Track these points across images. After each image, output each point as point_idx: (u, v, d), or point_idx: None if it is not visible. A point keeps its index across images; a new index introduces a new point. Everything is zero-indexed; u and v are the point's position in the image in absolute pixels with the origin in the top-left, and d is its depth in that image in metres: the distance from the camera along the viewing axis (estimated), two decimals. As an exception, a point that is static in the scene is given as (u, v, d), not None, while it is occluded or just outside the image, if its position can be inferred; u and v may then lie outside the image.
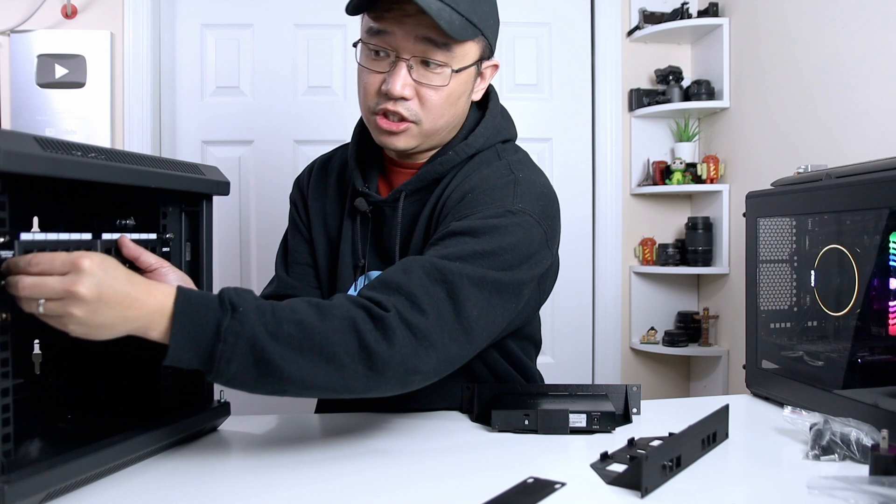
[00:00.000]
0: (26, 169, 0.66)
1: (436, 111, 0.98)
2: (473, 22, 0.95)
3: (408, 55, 0.94)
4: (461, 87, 0.99)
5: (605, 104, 2.50)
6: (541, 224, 0.94)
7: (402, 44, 0.94)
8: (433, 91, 0.96)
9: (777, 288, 1.20)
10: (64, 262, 0.68)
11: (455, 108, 1.01)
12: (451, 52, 0.95)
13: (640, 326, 2.55)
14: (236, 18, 2.42)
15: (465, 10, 0.93)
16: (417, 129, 0.99)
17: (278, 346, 0.73)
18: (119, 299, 0.69)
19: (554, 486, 0.74)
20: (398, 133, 0.98)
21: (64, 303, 0.67)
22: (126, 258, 0.84)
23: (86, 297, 0.67)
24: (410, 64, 0.95)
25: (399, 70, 0.95)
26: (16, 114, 2.24)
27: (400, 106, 0.96)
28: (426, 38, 0.93)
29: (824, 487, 0.71)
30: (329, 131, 2.40)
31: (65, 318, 0.68)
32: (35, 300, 0.67)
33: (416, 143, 1.01)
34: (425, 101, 0.97)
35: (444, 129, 1.02)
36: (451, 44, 0.94)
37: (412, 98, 0.96)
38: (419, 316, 0.79)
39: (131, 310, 0.70)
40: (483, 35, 0.98)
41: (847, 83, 1.76)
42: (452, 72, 0.96)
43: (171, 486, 0.76)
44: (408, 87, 0.95)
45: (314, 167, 1.19)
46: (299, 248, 1.15)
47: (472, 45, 0.98)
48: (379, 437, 0.94)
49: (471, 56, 0.98)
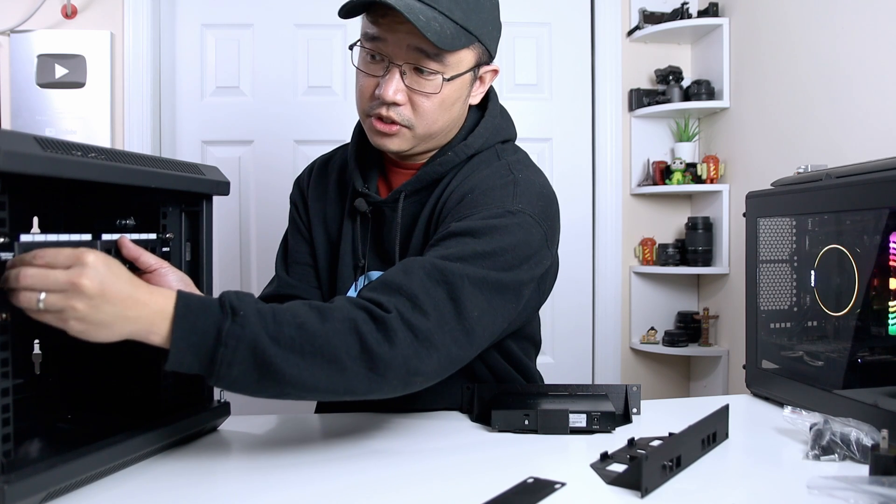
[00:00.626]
0: (26, 169, 0.66)
1: (429, 117, 0.98)
2: (469, 29, 0.95)
3: (400, 61, 0.94)
4: (455, 93, 0.99)
5: (605, 104, 2.50)
6: (540, 224, 0.94)
7: (394, 51, 0.94)
8: (425, 98, 0.96)
9: (777, 288, 1.20)
10: (68, 256, 0.68)
11: (450, 114, 1.01)
12: (442, 60, 0.95)
13: (640, 326, 2.55)
14: (236, 18, 2.42)
15: (459, 18, 0.93)
16: (410, 134, 0.99)
17: (279, 350, 0.73)
18: (121, 297, 0.69)
19: (554, 486, 0.74)
20: (391, 135, 0.98)
21: (66, 295, 0.66)
22: (126, 259, 0.84)
23: (89, 290, 0.66)
24: (403, 70, 0.95)
25: (392, 76, 0.95)
26: (16, 114, 2.24)
27: (392, 111, 0.96)
28: (417, 48, 0.93)
29: (824, 487, 0.71)
30: (329, 131, 2.40)
31: (66, 312, 0.67)
32: (36, 293, 0.66)
33: (409, 146, 1.01)
34: (417, 107, 0.97)
35: (439, 133, 1.02)
36: (443, 53, 0.94)
37: (405, 103, 0.96)
38: (420, 317, 0.79)
39: (132, 310, 0.69)
40: (480, 41, 0.98)
41: (847, 83, 1.76)
42: (444, 80, 0.96)
43: (171, 486, 0.76)
44: (400, 93, 0.95)
45: (314, 167, 1.19)
46: (299, 248, 1.15)
47: (466, 52, 0.97)
48: (379, 438, 0.94)
49: (465, 63, 0.98)
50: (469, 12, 0.94)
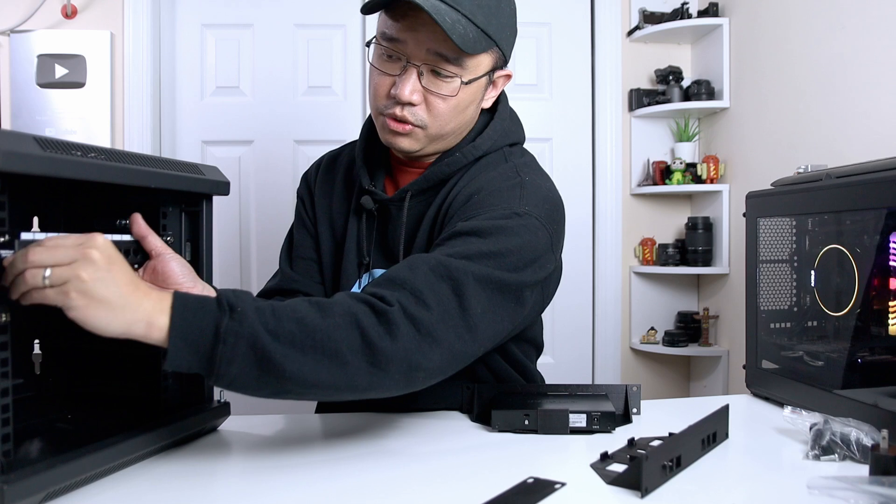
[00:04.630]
0: (26, 169, 0.66)
1: (443, 118, 0.98)
2: (489, 33, 0.95)
3: (419, 62, 0.94)
4: (470, 96, 0.99)
5: (605, 104, 2.50)
6: (546, 227, 0.94)
7: (413, 52, 0.94)
8: (441, 100, 0.96)
9: (777, 288, 1.20)
10: (77, 237, 0.69)
11: (463, 116, 1.01)
12: (462, 63, 0.95)
13: (640, 326, 2.55)
14: (236, 18, 2.42)
15: (481, 22, 0.93)
16: (423, 133, 0.99)
17: (279, 345, 0.72)
18: (125, 280, 0.69)
19: (554, 486, 0.74)
20: (404, 134, 0.98)
21: (73, 266, 0.66)
22: (134, 235, 0.85)
23: (97, 259, 0.67)
24: (421, 70, 0.95)
25: (409, 76, 0.95)
26: (16, 114, 2.24)
27: (407, 111, 0.96)
28: (437, 51, 0.93)
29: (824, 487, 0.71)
30: (329, 131, 2.40)
31: (70, 283, 0.66)
32: (42, 269, 0.65)
33: (419, 147, 1.01)
34: (433, 108, 0.97)
35: (450, 135, 1.02)
36: (463, 56, 0.94)
37: (420, 104, 0.96)
38: (423, 310, 0.78)
39: (132, 296, 0.69)
40: (497, 46, 0.98)
41: (847, 83, 1.76)
42: (462, 83, 0.96)
43: (171, 486, 0.76)
44: (416, 94, 0.95)
45: (322, 163, 1.19)
46: (304, 242, 1.15)
47: (485, 56, 0.97)
48: (378, 438, 0.94)
49: (483, 67, 0.98)
50: (490, 16, 0.94)
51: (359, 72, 2.45)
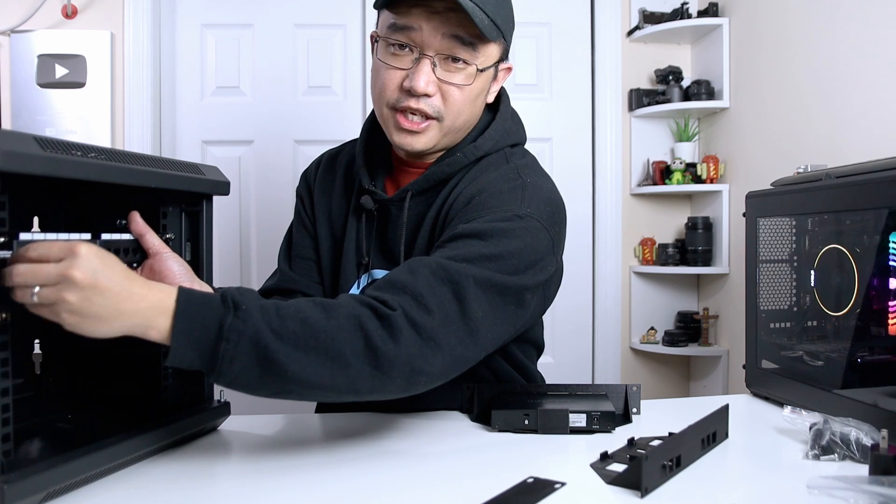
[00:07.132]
0: (26, 169, 0.66)
1: (457, 108, 0.98)
2: (497, 23, 0.96)
3: (432, 52, 0.95)
4: (481, 86, 1.00)
5: (604, 104, 2.50)
6: (548, 230, 0.94)
7: (428, 40, 0.94)
8: (457, 89, 0.97)
9: (777, 288, 1.20)
10: (61, 249, 0.67)
11: (473, 108, 1.01)
12: (476, 50, 0.96)
13: (640, 326, 2.55)
14: (236, 18, 2.42)
15: (490, 12, 0.94)
16: (438, 126, 0.99)
17: (282, 345, 0.72)
18: (115, 290, 0.68)
19: (554, 486, 0.74)
20: (419, 133, 0.98)
21: (58, 288, 0.66)
22: (132, 234, 0.85)
23: (80, 281, 0.66)
24: (434, 61, 0.95)
25: (423, 66, 0.95)
26: (16, 114, 2.24)
27: (423, 103, 0.96)
28: (454, 35, 0.93)
29: (824, 487, 0.71)
30: (329, 131, 2.40)
31: (58, 304, 0.66)
32: (30, 288, 0.66)
33: (433, 143, 1.00)
34: (448, 98, 0.97)
35: (461, 129, 1.02)
36: (478, 43, 0.95)
37: (435, 94, 0.96)
38: (425, 315, 0.78)
39: (127, 303, 0.68)
40: (503, 37, 0.99)
41: (847, 83, 1.76)
42: (477, 70, 0.97)
43: (171, 486, 0.76)
44: (432, 84, 0.95)
45: (322, 161, 1.19)
46: (303, 242, 1.15)
47: (494, 46, 0.99)
48: (378, 438, 0.94)
49: (493, 56, 0.99)
50: (498, 6, 0.96)
51: (359, 72, 2.45)
